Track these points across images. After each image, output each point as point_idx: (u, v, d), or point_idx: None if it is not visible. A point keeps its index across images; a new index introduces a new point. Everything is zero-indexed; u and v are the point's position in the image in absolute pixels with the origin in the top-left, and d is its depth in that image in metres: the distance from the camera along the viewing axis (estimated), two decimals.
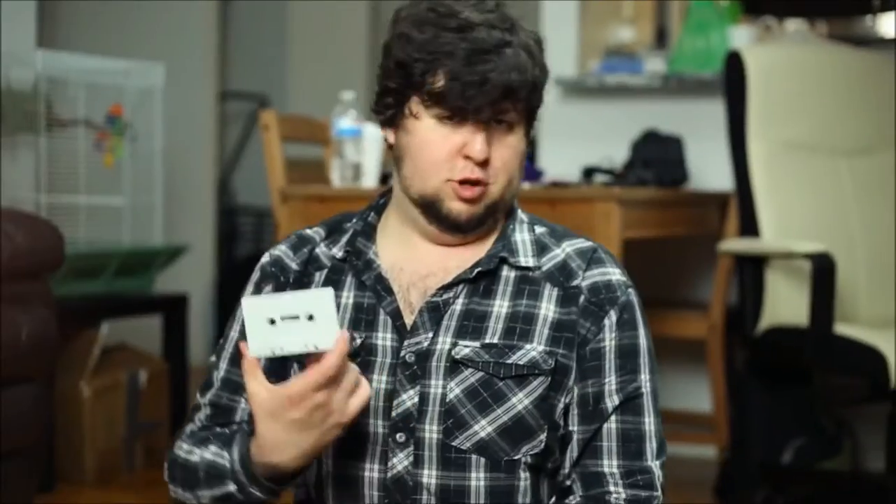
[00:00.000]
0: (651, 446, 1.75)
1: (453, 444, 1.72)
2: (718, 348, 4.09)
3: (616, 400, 1.74)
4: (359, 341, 1.75)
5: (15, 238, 2.96)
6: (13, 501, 2.98)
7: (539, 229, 1.82)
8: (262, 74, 7.16)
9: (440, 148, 1.71)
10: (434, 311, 1.74)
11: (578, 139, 4.56)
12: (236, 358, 1.77)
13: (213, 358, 1.84)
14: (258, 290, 1.82)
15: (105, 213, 4.38)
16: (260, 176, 4.17)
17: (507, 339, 1.74)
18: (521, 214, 1.84)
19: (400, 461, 1.73)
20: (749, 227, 3.61)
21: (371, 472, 1.74)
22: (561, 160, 4.45)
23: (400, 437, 1.73)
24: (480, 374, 1.72)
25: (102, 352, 4.03)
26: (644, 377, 1.76)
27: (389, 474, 1.73)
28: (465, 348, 1.73)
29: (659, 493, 1.74)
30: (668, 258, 4.46)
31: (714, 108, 3.98)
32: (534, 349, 1.73)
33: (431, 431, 1.72)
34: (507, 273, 1.77)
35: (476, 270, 1.75)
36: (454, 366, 1.72)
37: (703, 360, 4.16)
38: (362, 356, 1.74)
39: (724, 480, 3.84)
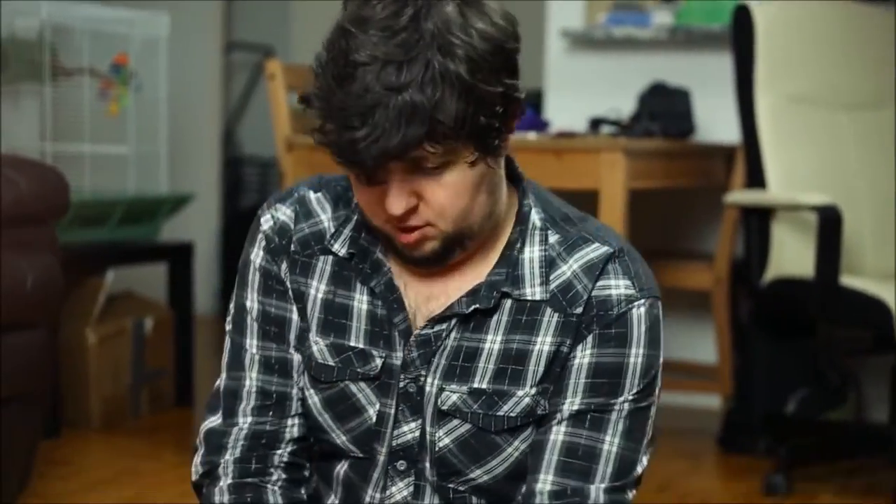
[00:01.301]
0: (604, 469, 1.56)
1: (450, 486, 1.63)
2: (723, 299, 4.09)
3: (569, 410, 1.57)
4: (379, 362, 1.61)
5: (18, 184, 2.95)
6: (19, 446, 2.99)
7: (553, 238, 1.60)
8: (266, 25, 7.13)
9: (362, 199, 1.53)
10: (425, 346, 1.59)
11: (585, 91, 4.55)
12: (267, 332, 1.65)
13: (231, 334, 1.68)
14: (273, 260, 1.65)
15: (110, 162, 4.38)
16: (265, 127, 4.16)
17: (497, 383, 1.58)
18: (534, 216, 1.61)
19: (399, 490, 1.64)
20: (755, 179, 3.61)
21: (373, 498, 1.66)
22: (567, 111, 4.44)
23: (401, 465, 1.63)
24: (469, 425, 1.59)
25: (108, 299, 4.04)
26: (623, 396, 1.56)
27: (388, 503, 1.65)
28: (453, 395, 1.58)
29: None
30: (674, 210, 4.46)
31: (722, 61, 3.97)
32: (527, 395, 1.58)
33: (428, 471, 1.63)
34: (506, 301, 1.59)
35: (472, 307, 1.57)
36: (442, 413, 1.60)
37: (708, 311, 4.16)
38: (382, 379, 1.61)
39: (727, 430, 3.86)
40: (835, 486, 3.48)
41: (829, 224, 3.28)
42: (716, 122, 4.26)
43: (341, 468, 1.67)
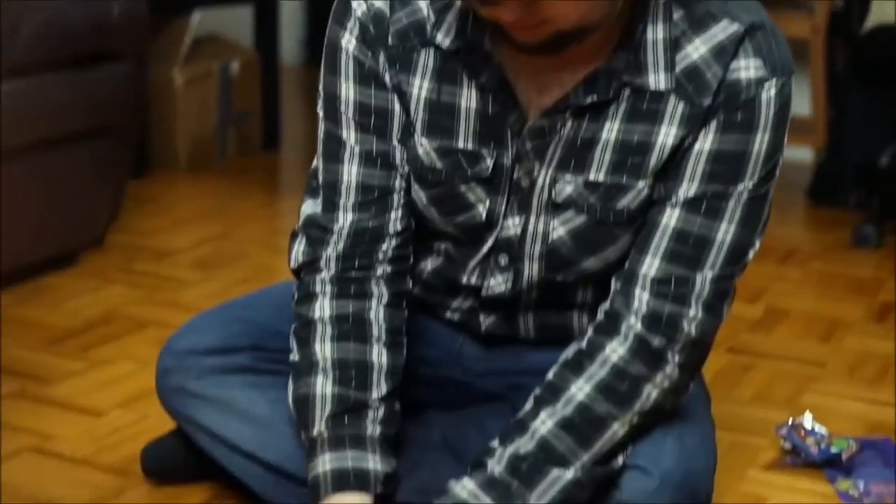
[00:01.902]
0: (714, 257, 1.49)
1: (557, 279, 1.61)
2: (821, 49, 3.98)
3: (685, 196, 1.49)
4: (490, 162, 1.54)
5: None
6: (108, 181, 3.01)
7: (677, 14, 1.47)
8: None
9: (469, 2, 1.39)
10: (538, 138, 1.51)
11: None
12: (366, 125, 1.57)
13: (325, 122, 1.61)
14: (368, 51, 1.55)
15: None
16: None
17: (614, 175, 1.51)
18: None
19: (497, 284, 1.63)
20: None
21: (468, 282, 1.65)
22: None
23: (502, 258, 1.61)
24: (585, 216, 1.54)
25: (194, 42, 4.01)
26: (743, 184, 1.48)
27: (485, 293, 1.65)
28: (568, 186, 1.52)
29: (693, 310, 1.49)
30: None
31: None
32: (646, 186, 1.51)
33: (532, 268, 1.60)
34: (626, 89, 1.49)
35: (590, 99, 1.47)
36: (556, 205, 1.55)
37: (805, 61, 4.06)
38: (494, 180, 1.55)
39: (818, 182, 3.80)
40: None
41: None
42: None
43: (442, 244, 1.65)
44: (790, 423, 2.01)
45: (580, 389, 1.50)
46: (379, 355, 1.58)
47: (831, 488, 1.93)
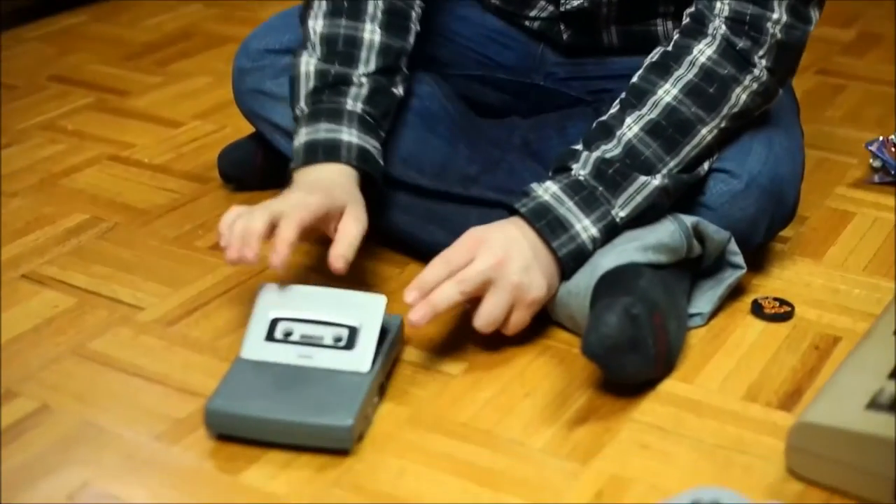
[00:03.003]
0: None
1: (633, 28, 1.58)
2: None
3: None
4: None
5: None
6: None
7: None
8: None
9: None
10: None
11: None
12: None
13: None
14: None
15: None
16: None
17: None
18: None
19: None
20: None
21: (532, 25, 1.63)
22: None
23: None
24: None
25: None
26: None
27: (564, 7, 1.61)
28: None
29: (776, 13, 1.43)
30: None
31: None
32: None
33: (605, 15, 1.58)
34: None
35: None
36: None
37: None
38: None
39: None
40: None
41: None
42: None
43: None
44: (881, 139, 1.96)
45: (667, 92, 1.45)
46: (371, 32, 1.55)
47: None
